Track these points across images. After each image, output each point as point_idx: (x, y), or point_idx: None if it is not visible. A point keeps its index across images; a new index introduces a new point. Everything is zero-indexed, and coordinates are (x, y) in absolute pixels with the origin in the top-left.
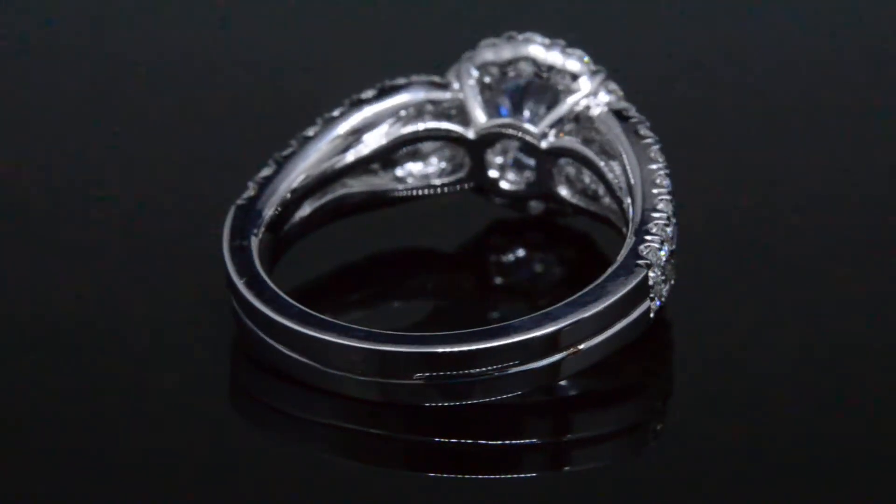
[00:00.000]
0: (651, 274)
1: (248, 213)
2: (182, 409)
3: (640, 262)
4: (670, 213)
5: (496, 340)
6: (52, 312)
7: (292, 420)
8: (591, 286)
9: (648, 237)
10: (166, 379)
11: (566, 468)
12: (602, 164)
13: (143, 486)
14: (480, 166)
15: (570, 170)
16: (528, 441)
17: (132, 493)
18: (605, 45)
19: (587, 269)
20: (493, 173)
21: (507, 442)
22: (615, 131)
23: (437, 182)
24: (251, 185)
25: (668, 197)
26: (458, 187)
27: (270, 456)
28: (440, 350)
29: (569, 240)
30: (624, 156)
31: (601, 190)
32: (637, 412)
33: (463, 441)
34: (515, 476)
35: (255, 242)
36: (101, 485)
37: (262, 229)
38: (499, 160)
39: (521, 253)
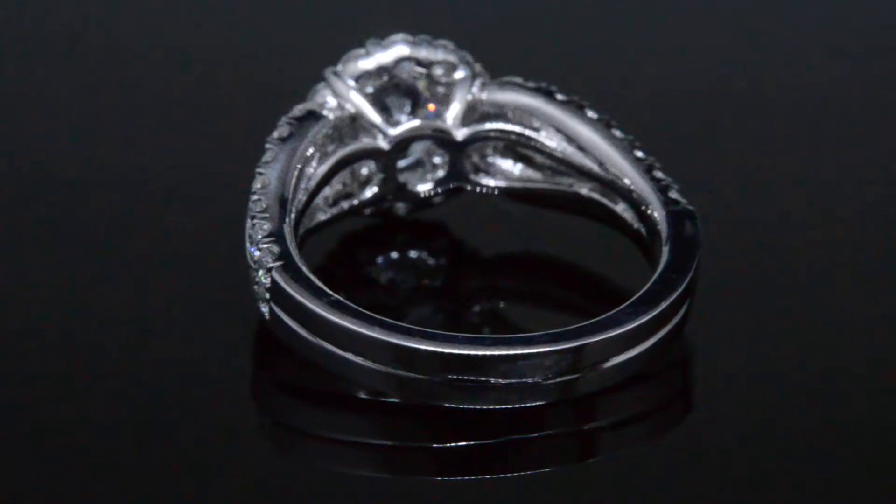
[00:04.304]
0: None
1: (299, 273)
2: (205, 426)
3: (684, 204)
4: (647, 157)
5: (609, 332)
6: (69, 330)
7: (313, 439)
8: (672, 242)
9: (664, 182)
10: (188, 392)
11: (589, 459)
12: (533, 134)
13: None
14: (392, 176)
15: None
16: (546, 432)
17: None
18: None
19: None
20: (401, 178)
21: (526, 435)
22: (532, 103)
23: (356, 202)
24: (263, 247)
25: (638, 143)
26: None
27: (294, 475)
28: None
29: (429, 231)
30: (560, 122)
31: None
32: (657, 399)
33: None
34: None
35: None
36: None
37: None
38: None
39: (395, 255)
